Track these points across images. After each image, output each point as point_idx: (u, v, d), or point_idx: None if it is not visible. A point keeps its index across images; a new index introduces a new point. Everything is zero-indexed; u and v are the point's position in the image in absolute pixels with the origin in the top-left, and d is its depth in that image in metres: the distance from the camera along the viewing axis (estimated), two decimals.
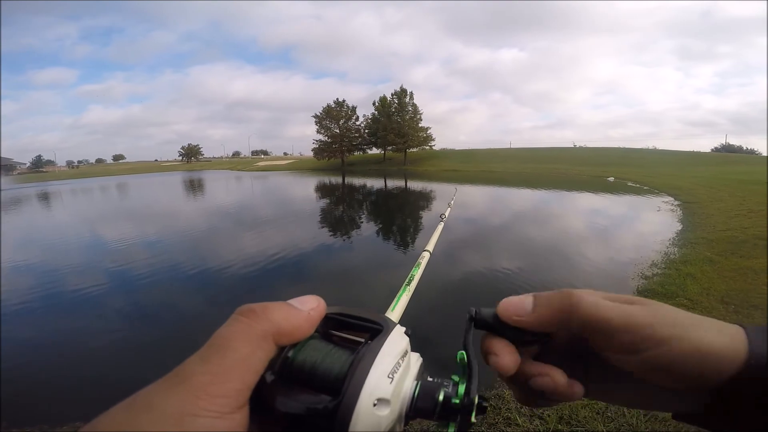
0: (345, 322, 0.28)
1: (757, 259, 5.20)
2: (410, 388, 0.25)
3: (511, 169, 33.69)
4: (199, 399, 0.18)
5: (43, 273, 6.40)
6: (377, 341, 0.25)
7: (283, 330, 0.23)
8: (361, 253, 7.24)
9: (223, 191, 24.33)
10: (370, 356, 0.24)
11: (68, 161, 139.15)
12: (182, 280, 5.80)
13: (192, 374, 0.19)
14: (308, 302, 0.26)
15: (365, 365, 0.23)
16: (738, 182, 15.67)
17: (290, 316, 0.24)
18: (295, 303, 0.25)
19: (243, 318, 0.22)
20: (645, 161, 35.77)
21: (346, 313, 0.28)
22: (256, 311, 0.23)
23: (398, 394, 0.24)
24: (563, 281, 5.05)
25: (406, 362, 0.26)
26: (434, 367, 0.30)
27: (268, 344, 0.22)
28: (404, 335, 0.28)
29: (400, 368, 0.25)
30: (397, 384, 0.24)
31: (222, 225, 10.87)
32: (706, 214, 9.13)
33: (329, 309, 0.28)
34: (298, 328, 0.24)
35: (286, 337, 0.23)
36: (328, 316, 0.28)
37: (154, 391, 0.19)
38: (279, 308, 0.24)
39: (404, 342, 0.27)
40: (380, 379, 0.23)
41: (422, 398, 0.25)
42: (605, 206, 13.04)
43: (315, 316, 0.25)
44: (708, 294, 4.09)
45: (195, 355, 0.21)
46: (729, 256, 5.43)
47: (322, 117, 49.02)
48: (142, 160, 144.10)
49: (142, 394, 0.19)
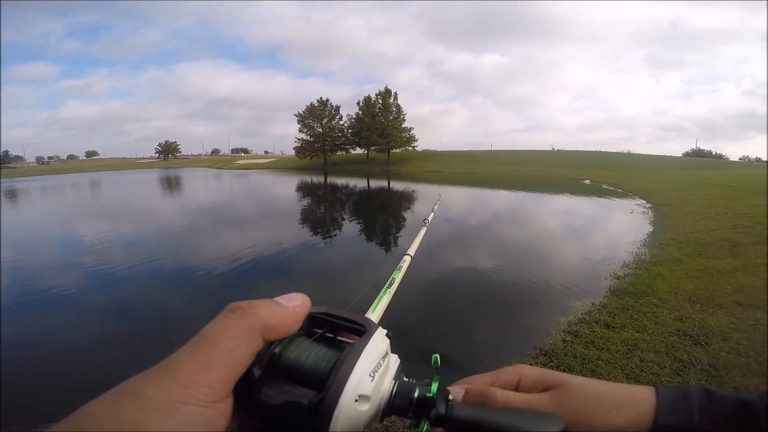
0: (331, 322, 0.30)
1: (722, 260, 5.44)
2: (389, 386, 0.27)
3: (492, 171, 34.23)
4: (185, 387, 0.19)
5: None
6: (361, 342, 0.27)
7: (269, 325, 0.24)
8: (342, 251, 7.21)
9: (201, 190, 23.81)
10: (354, 355, 0.25)
11: (38, 157, 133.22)
12: (146, 278, 5.64)
13: (179, 364, 0.20)
14: (294, 299, 0.27)
15: (349, 363, 0.25)
16: (706, 186, 16.35)
17: (276, 312, 0.25)
18: (281, 300, 0.26)
19: (231, 314, 0.23)
20: (620, 165, 36.93)
21: (332, 313, 0.30)
22: (243, 308, 0.24)
23: (378, 391, 0.26)
24: (539, 280, 5.15)
25: (386, 363, 0.27)
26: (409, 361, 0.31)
27: (255, 339, 0.23)
28: (385, 337, 0.29)
29: (380, 368, 0.26)
30: (378, 382, 0.26)
31: (201, 224, 10.63)
32: (676, 217, 9.49)
33: (315, 309, 0.29)
34: (283, 324, 0.25)
35: (272, 333, 0.24)
36: (315, 316, 0.29)
37: (142, 379, 0.20)
38: (265, 305, 0.25)
39: (385, 344, 0.29)
40: (363, 377, 0.25)
41: (399, 396, 0.27)
42: (581, 208, 13.40)
43: (300, 313, 0.26)
44: (676, 293, 4.25)
45: (183, 348, 0.21)
46: (696, 257, 5.66)
47: (305, 116, 48.62)
48: (116, 157, 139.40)
49: (131, 383, 0.20)
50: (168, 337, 3.76)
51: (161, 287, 5.45)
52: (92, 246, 7.91)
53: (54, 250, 7.72)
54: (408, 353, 0.30)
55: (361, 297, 0.80)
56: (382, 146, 45.84)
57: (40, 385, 3.07)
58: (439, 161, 46.26)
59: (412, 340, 3.45)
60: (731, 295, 4.09)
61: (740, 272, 4.84)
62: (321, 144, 48.83)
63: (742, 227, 7.49)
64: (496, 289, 4.93)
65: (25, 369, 3.29)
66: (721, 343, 3.10)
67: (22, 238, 9.45)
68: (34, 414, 2.67)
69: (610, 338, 3.27)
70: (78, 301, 4.93)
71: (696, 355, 2.93)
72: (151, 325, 4.22)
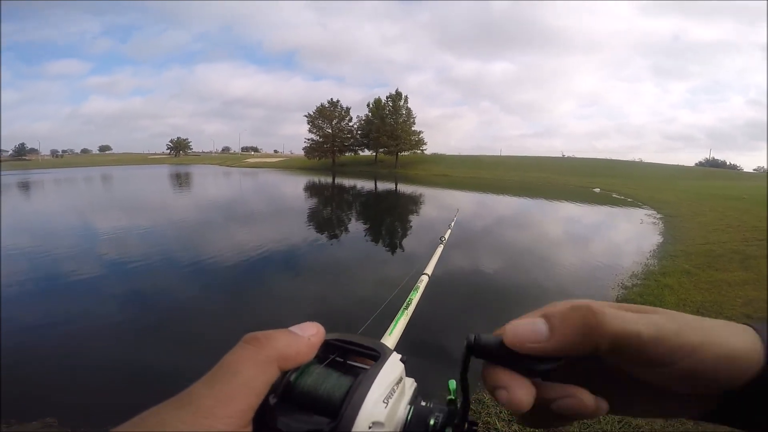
0: (344, 348, 0.30)
1: (732, 272, 5.38)
2: (404, 412, 0.27)
3: (501, 176, 34.09)
4: (206, 419, 0.20)
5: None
6: (374, 368, 0.27)
7: (285, 355, 0.24)
8: (348, 250, 7.26)
9: (211, 187, 24.05)
10: (367, 382, 0.26)
11: (52, 150, 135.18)
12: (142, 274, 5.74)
13: (199, 397, 0.21)
14: (308, 329, 0.27)
15: (362, 390, 0.25)
16: (719, 197, 16.13)
17: (292, 342, 0.25)
18: (296, 330, 0.27)
19: (248, 345, 0.24)
20: (630, 173, 36.55)
21: (345, 339, 0.30)
22: (260, 339, 0.24)
23: (392, 417, 0.26)
24: (544, 287, 5.14)
25: (400, 388, 0.27)
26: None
27: (272, 369, 0.24)
28: (399, 362, 0.29)
29: (395, 394, 0.26)
30: (392, 408, 0.26)
31: (209, 219, 10.76)
32: (687, 228, 9.39)
33: (328, 335, 0.30)
34: (299, 354, 0.25)
35: (288, 362, 0.25)
36: (329, 342, 0.30)
37: (164, 410, 0.20)
38: (281, 335, 0.25)
39: (399, 369, 0.29)
40: (376, 403, 0.25)
41: (414, 422, 0.27)
42: (592, 218, 13.31)
43: (315, 342, 0.27)
44: (684, 305, 4.21)
45: (202, 380, 0.22)
46: (706, 269, 5.60)
47: (315, 116, 48.85)
48: (128, 152, 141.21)
49: (153, 413, 0.20)
50: (177, 323, 3.84)
51: (169, 276, 5.58)
52: (103, 236, 8.07)
53: (62, 240, 7.87)
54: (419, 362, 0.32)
55: (376, 319, 0.80)
56: (391, 148, 45.86)
57: (58, 371, 3.15)
58: (447, 165, 46.17)
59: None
60: (740, 308, 4.05)
61: (750, 285, 4.78)
62: (330, 145, 49.03)
63: (754, 240, 7.40)
64: (504, 294, 4.94)
65: (38, 358, 3.36)
66: None
67: (29, 228, 9.64)
68: (48, 404, 2.72)
69: None
70: (90, 287, 5.10)
71: None
72: (160, 312, 4.34)
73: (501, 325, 0.26)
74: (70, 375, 3.13)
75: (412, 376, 0.31)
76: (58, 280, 5.50)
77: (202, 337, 3.65)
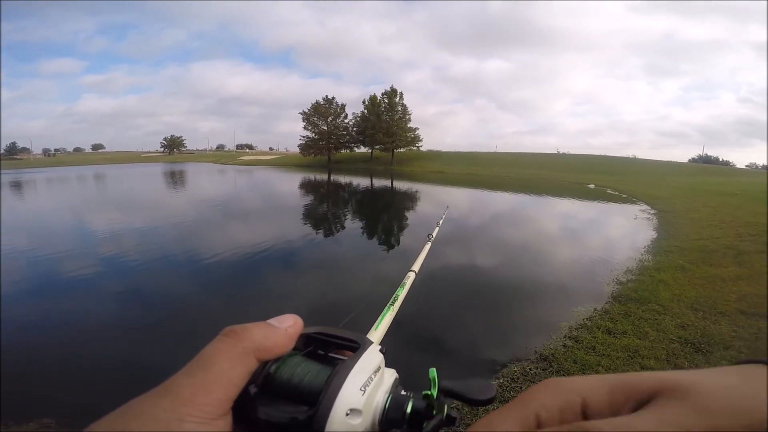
0: (325, 340, 0.31)
1: (725, 267, 5.40)
2: (382, 399, 0.28)
3: (497, 173, 34.13)
4: (184, 406, 0.21)
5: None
6: (352, 358, 0.28)
7: (262, 347, 0.25)
8: (341, 246, 7.23)
9: (205, 185, 23.89)
10: (344, 371, 0.26)
11: (44, 149, 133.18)
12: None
13: (178, 386, 0.22)
14: (286, 321, 0.28)
15: (340, 379, 0.26)
16: (712, 193, 16.25)
17: (269, 333, 0.26)
18: (274, 322, 0.27)
19: (226, 338, 0.25)
20: (624, 170, 36.73)
21: (326, 332, 0.31)
22: (237, 331, 0.25)
23: (370, 405, 0.26)
24: (538, 284, 5.13)
25: (379, 376, 0.28)
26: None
27: (249, 360, 0.24)
28: (379, 352, 0.30)
29: (372, 382, 0.27)
30: (369, 396, 0.26)
31: (204, 217, 10.67)
32: (681, 224, 9.44)
33: (309, 328, 0.30)
34: (276, 345, 0.26)
35: (266, 353, 0.25)
36: (310, 335, 0.30)
37: (145, 400, 0.21)
38: (258, 328, 0.26)
39: (378, 358, 0.29)
40: (353, 391, 0.26)
41: (392, 409, 0.27)
42: (587, 213, 13.35)
43: (292, 333, 0.28)
44: (678, 300, 4.23)
45: (181, 370, 0.23)
46: (700, 264, 5.63)
47: (311, 113, 48.63)
48: (121, 150, 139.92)
49: (135, 403, 0.21)
50: (175, 321, 3.78)
51: (164, 273, 5.54)
52: (98, 235, 7.97)
53: (56, 238, 7.77)
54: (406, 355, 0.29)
55: (360, 315, 0.78)
56: (387, 145, 45.73)
57: (57, 368, 3.14)
58: (443, 162, 46.13)
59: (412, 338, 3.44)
60: (734, 303, 4.07)
61: (744, 280, 4.81)
62: (325, 142, 48.84)
63: (747, 235, 7.45)
64: (498, 288, 4.93)
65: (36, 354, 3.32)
66: (722, 351, 3.09)
67: (19, 227, 9.51)
68: (48, 404, 2.69)
69: (611, 344, 3.26)
70: (85, 285, 5.07)
71: (697, 363, 2.92)
72: (157, 308, 4.31)
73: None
74: (69, 374, 3.09)
75: (398, 368, 0.31)
76: (53, 278, 5.45)
77: (197, 335, 3.61)
